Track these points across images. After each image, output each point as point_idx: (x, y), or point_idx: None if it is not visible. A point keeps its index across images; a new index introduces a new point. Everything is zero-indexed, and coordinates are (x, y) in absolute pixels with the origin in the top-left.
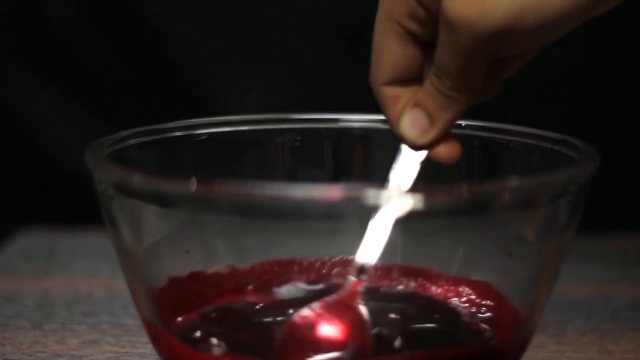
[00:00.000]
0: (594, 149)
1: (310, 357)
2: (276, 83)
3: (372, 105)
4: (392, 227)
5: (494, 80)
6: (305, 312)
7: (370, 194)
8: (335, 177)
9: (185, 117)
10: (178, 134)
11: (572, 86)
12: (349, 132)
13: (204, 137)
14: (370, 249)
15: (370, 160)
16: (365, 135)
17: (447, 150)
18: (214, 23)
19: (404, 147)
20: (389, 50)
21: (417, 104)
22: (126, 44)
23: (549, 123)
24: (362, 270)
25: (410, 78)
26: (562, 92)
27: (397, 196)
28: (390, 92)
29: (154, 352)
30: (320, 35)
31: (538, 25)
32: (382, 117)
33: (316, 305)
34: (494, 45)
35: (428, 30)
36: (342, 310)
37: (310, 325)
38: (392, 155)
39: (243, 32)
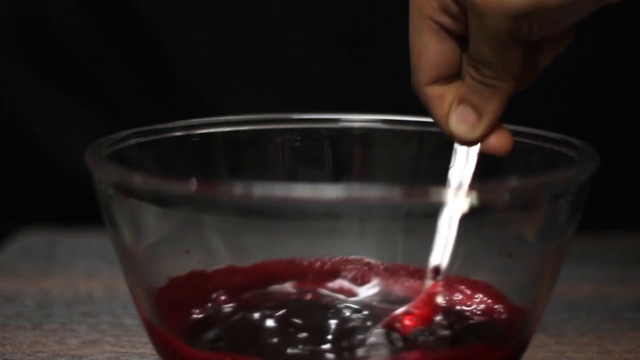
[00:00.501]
0: (594, 149)
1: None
2: (276, 83)
3: (372, 105)
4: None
5: (531, 68)
6: (397, 313)
7: (373, 195)
8: (335, 177)
9: (185, 117)
10: (178, 134)
11: (572, 86)
12: (349, 132)
13: (204, 137)
14: (441, 249)
15: (370, 160)
16: (365, 135)
17: (499, 141)
18: (214, 23)
19: (457, 145)
20: (427, 49)
21: (462, 100)
22: (126, 44)
23: (549, 123)
24: (437, 271)
25: (451, 75)
26: (562, 92)
27: (459, 194)
28: (434, 92)
29: (154, 352)
30: (321, 35)
31: (562, 2)
32: (382, 117)
33: (404, 308)
34: (523, 26)
35: (461, 24)
36: (427, 308)
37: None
38: (392, 155)
39: (243, 32)
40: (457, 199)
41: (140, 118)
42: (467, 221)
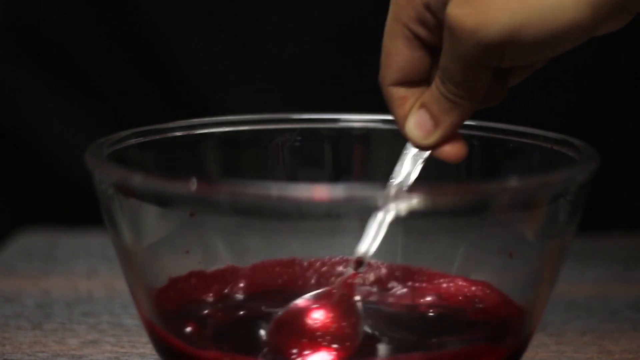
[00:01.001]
0: (594, 149)
1: (301, 346)
2: (276, 83)
3: (372, 105)
4: (391, 223)
5: (499, 88)
6: (299, 301)
7: (371, 194)
8: (335, 177)
9: (185, 117)
10: (178, 134)
11: (572, 86)
12: (349, 132)
13: (204, 137)
14: (369, 243)
15: (370, 160)
16: (365, 135)
17: (452, 150)
18: (213, 23)
19: (409, 146)
20: (397, 52)
21: (422, 105)
22: (126, 44)
23: (549, 123)
24: (360, 263)
25: (418, 80)
26: (562, 92)
27: (398, 195)
28: (398, 93)
29: (154, 352)
30: (321, 35)
31: (537, 40)
32: (382, 117)
33: (311, 295)
34: (494, 56)
35: (435, 36)
36: (336, 300)
37: (303, 315)
38: (392, 155)
39: (243, 32)
40: (393, 200)
41: (140, 118)
42: (467, 221)
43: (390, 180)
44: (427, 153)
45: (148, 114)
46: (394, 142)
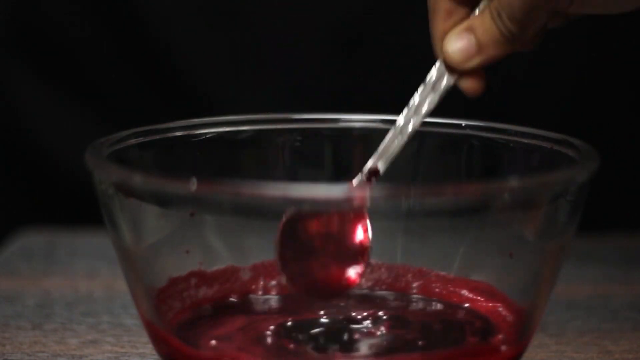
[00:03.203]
0: (594, 149)
1: (309, 251)
2: (276, 83)
3: (372, 105)
4: (408, 137)
5: (539, 36)
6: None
7: (371, 195)
8: (335, 177)
9: (185, 117)
10: (178, 134)
11: (572, 86)
12: (349, 132)
13: (204, 137)
14: (385, 154)
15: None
16: (365, 135)
17: (474, 84)
18: (214, 23)
19: (434, 71)
20: None
21: (469, 28)
22: (126, 43)
23: (549, 123)
24: (374, 173)
25: None
26: (562, 92)
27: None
28: (445, 5)
29: (154, 352)
30: (321, 35)
31: None
32: (382, 117)
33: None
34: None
35: None
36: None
37: (313, 220)
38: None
39: (243, 32)
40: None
41: (140, 118)
42: (467, 221)
43: (404, 111)
44: (449, 83)
45: (148, 114)
46: None
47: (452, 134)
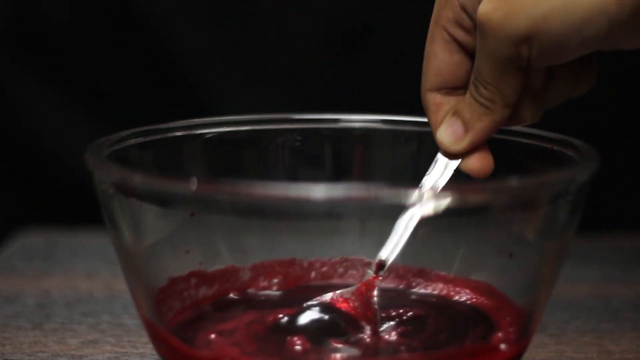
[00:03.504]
0: (594, 149)
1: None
2: (276, 83)
3: (372, 105)
4: (415, 227)
5: (535, 107)
6: (325, 298)
7: (371, 195)
8: (335, 177)
9: (185, 117)
10: (178, 134)
11: None
12: (349, 132)
13: (203, 137)
14: (392, 246)
15: (370, 160)
16: (365, 135)
17: (478, 163)
18: (214, 23)
19: (439, 155)
20: (436, 56)
21: (455, 112)
22: (126, 43)
23: (549, 123)
24: (381, 266)
25: (456, 87)
26: None
27: (421, 197)
28: (434, 99)
29: (154, 352)
30: (321, 35)
31: (563, 29)
32: (382, 117)
33: (334, 294)
34: (523, 51)
35: (472, 38)
36: (357, 300)
37: (329, 311)
38: (392, 155)
39: (243, 32)
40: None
41: (140, 118)
42: (467, 221)
43: (420, 187)
44: (456, 163)
45: (148, 114)
46: (394, 142)
47: None
